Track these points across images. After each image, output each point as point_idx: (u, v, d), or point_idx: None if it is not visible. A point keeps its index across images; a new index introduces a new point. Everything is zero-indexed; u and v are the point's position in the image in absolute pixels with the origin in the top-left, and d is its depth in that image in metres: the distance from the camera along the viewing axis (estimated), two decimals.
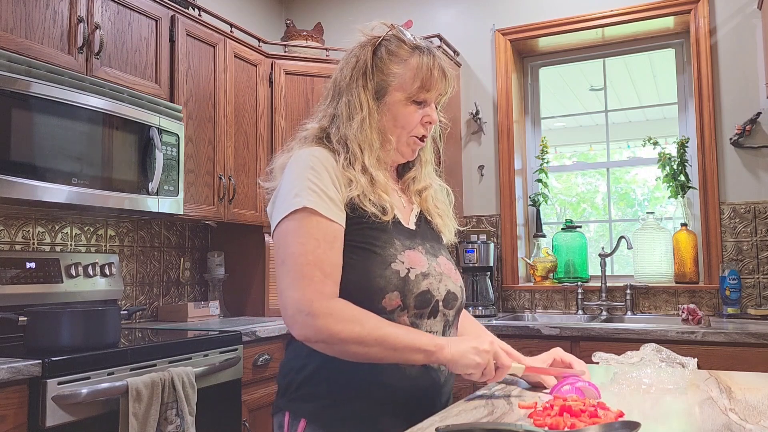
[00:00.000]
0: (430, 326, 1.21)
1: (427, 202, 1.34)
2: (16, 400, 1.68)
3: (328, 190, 1.16)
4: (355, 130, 1.22)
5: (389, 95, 1.25)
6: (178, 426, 1.97)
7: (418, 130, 1.27)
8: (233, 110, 2.98)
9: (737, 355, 2.31)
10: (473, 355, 1.12)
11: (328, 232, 1.14)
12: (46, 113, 2.05)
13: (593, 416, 0.96)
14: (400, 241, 1.21)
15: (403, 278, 1.16)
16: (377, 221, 1.19)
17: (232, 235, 3.24)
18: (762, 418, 0.98)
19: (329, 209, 1.15)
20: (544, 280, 3.33)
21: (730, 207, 2.98)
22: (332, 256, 1.14)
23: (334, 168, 1.19)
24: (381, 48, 1.27)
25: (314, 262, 1.11)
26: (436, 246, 1.30)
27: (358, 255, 1.17)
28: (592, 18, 3.27)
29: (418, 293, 1.18)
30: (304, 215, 1.14)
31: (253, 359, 2.50)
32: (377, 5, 3.74)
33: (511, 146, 3.45)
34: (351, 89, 1.25)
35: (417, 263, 1.20)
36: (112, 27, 2.40)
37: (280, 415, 1.22)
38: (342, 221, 1.17)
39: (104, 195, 2.24)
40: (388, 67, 1.25)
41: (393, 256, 1.18)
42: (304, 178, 1.16)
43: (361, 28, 1.31)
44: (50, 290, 2.38)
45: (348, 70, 1.27)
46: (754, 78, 2.97)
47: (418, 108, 1.26)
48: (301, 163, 1.19)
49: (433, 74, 1.24)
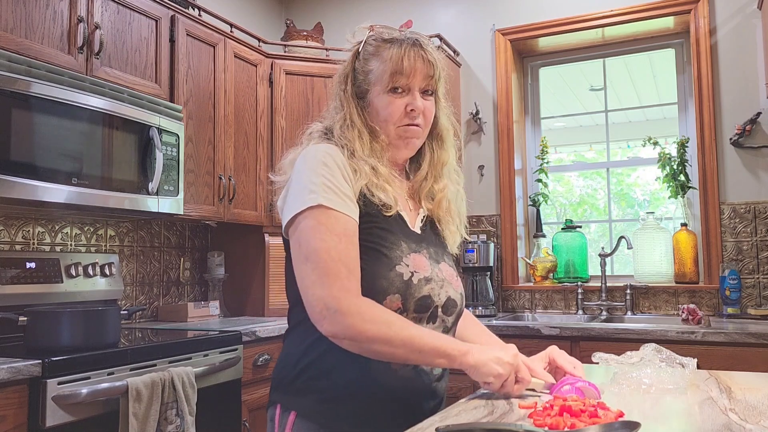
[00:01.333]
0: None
1: (440, 207, 1.33)
2: (16, 400, 1.68)
3: (341, 185, 1.17)
4: (339, 126, 1.26)
5: (370, 92, 1.27)
6: (178, 426, 1.97)
7: (402, 118, 1.26)
8: (233, 110, 2.98)
9: (737, 355, 2.31)
10: (496, 364, 1.13)
11: (347, 228, 1.15)
12: (46, 113, 2.05)
13: (593, 416, 0.96)
14: (406, 244, 1.22)
15: (406, 281, 1.17)
16: (383, 216, 1.20)
17: (232, 235, 3.24)
18: (762, 418, 0.98)
19: (345, 205, 1.16)
20: (544, 280, 3.33)
21: (730, 207, 2.98)
22: (353, 251, 1.14)
23: (343, 162, 1.20)
24: (363, 51, 1.30)
25: (338, 259, 1.12)
26: (439, 252, 1.30)
27: (366, 254, 1.17)
28: (592, 18, 3.27)
29: (419, 297, 1.18)
30: (321, 211, 1.14)
31: (253, 359, 2.50)
32: (377, 5, 3.74)
33: (511, 146, 3.45)
34: (336, 94, 1.32)
35: (421, 267, 1.20)
36: (112, 27, 2.40)
37: (272, 408, 1.24)
38: (356, 216, 1.18)
39: (104, 195, 2.24)
40: (366, 66, 1.28)
41: (399, 258, 1.18)
42: (318, 174, 1.16)
43: (348, 37, 1.35)
44: (50, 290, 2.38)
45: (336, 77, 1.33)
46: (754, 78, 2.97)
47: (397, 97, 1.25)
48: (313, 158, 1.19)
49: (402, 59, 1.23)
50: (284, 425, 1.19)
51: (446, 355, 1.12)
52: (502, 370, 1.12)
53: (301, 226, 1.15)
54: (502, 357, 1.13)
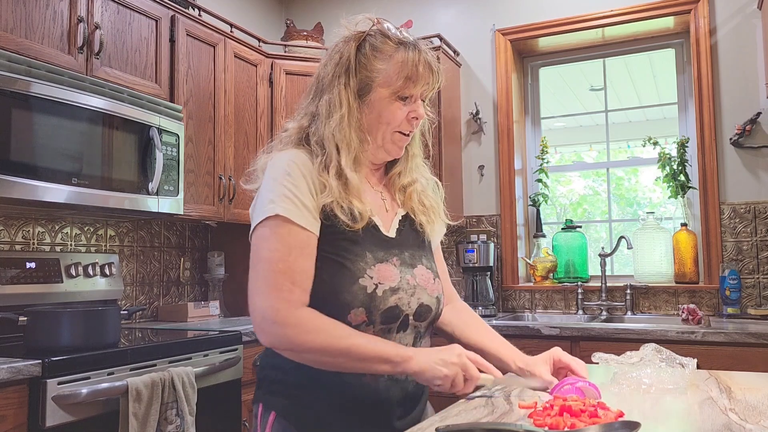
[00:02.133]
0: (400, 339, 1.21)
1: (412, 199, 1.31)
2: (16, 400, 1.68)
3: (303, 197, 1.16)
4: (333, 128, 1.20)
5: (373, 92, 1.22)
6: (178, 426, 1.97)
7: (404, 125, 1.24)
8: (233, 110, 2.98)
9: (737, 355, 2.31)
10: (441, 366, 1.10)
11: (300, 240, 1.14)
12: (46, 113, 2.05)
13: (593, 416, 0.96)
14: (372, 254, 1.19)
15: (369, 294, 1.16)
16: (349, 230, 1.18)
17: (232, 235, 3.24)
18: (762, 418, 0.98)
19: (302, 217, 1.15)
20: (544, 280, 3.33)
21: (730, 207, 2.98)
22: (302, 263, 1.14)
23: (311, 173, 1.18)
24: (365, 44, 1.24)
25: (284, 270, 1.12)
26: (416, 254, 1.27)
27: (328, 267, 1.16)
28: (592, 18, 3.27)
29: (385, 309, 1.17)
30: (278, 222, 1.14)
31: (253, 359, 2.50)
32: (377, 5, 3.74)
33: (511, 146, 3.45)
34: (333, 87, 1.23)
35: (387, 278, 1.18)
36: (112, 27, 2.40)
37: (256, 406, 1.26)
38: (315, 229, 1.17)
39: (104, 195, 2.24)
40: (372, 63, 1.23)
41: (362, 270, 1.17)
42: (280, 184, 1.16)
43: (345, 23, 1.28)
44: (50, 290, 2.37)
45: (331, 66, 1.25)
46: (754, 78, 2.97)
47: (403, 104, 1.23)
48: (279, 168, 1.18)
49: (418, 69, 1.21)
50: (265, 424, 1.21)
51: (389, 361, 1.11)
52: (447, 371, 1.10)
53: (256, 235, 1.17)
54: (446, 358, 1.11)
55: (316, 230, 1.17)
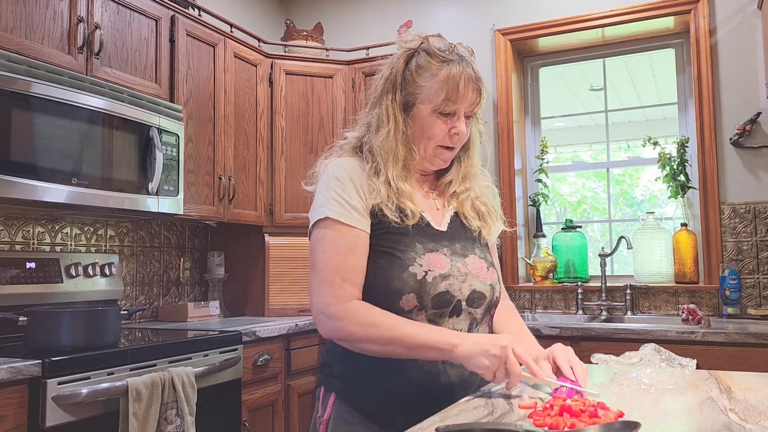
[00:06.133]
0: (454, 324, 1.27)
1: (463, 206, 1.39)
2: (16, 400, 1.68)
3: (351, 199, 1.26)
4: (381, 140, 1.29)
5: (417, 107, 1.30)
6: (178, 426, 1.97)
7: (446, 140, 1.31)
8: (233, 110, 2.98)
9: (737, 355, 2.31)
10: (483, 357, 1.15)
11: (350, 239, 1.25)
12: (46, 113, 2.05)
13: (593, 416, 0.96)
14: (422, 245, 1.27)
15: (419, 281, 1.23)
16: (398, 226, 1.27)
17: (232, 235, 3.24)
18: (762, 418, 0.98)
19: (351, 217, 1.25)
20: (544, 280, 3.33)
21: (730, 207, 2.98)
22: (353, 261, 1.24)
23: (359, 177, 1.28)
24: (412, 60, 1.31)
25: (334, 269, 1.23)
26: (468, 245, 1.34)
27: (381, 259, 1.26)
28: (592, 18, 3.27)
29: (435, 294, 1.24)
30: (327, 224, 1.26)
31: (253, 359, 2.50)
32: (377, 5, 3.73)
33: (511, 146, 3.45)
34: (382, 101, 1.32)
35: (437, 265, 1.25)
36: (112, 27, 2.40)
37: (318, 389, 1.37)
38: (365, 227, 1.27)
39: (104, 195, 2.24)
40: (416, 80, 1.30)
41: (412, 259, 1.25)
42: (330, 188, 1.28)
43: (398, 40, 1.37)
44: (50, 290, 2.37)
45: (382, 81, 1.34)
46: (754, 78, 2.97)
47: (445, 119, 1.30)
48: (329, 174, 1.30)
49: (458, 87, 1.27)
50: (326, 404, 1.31)
51: (436, 348, 1.18)
52: (488, 363, 1.15)
53: (312, 237, 1.29)
54: (489, 349, 1.15)
55: (367, 228, 1.27)
